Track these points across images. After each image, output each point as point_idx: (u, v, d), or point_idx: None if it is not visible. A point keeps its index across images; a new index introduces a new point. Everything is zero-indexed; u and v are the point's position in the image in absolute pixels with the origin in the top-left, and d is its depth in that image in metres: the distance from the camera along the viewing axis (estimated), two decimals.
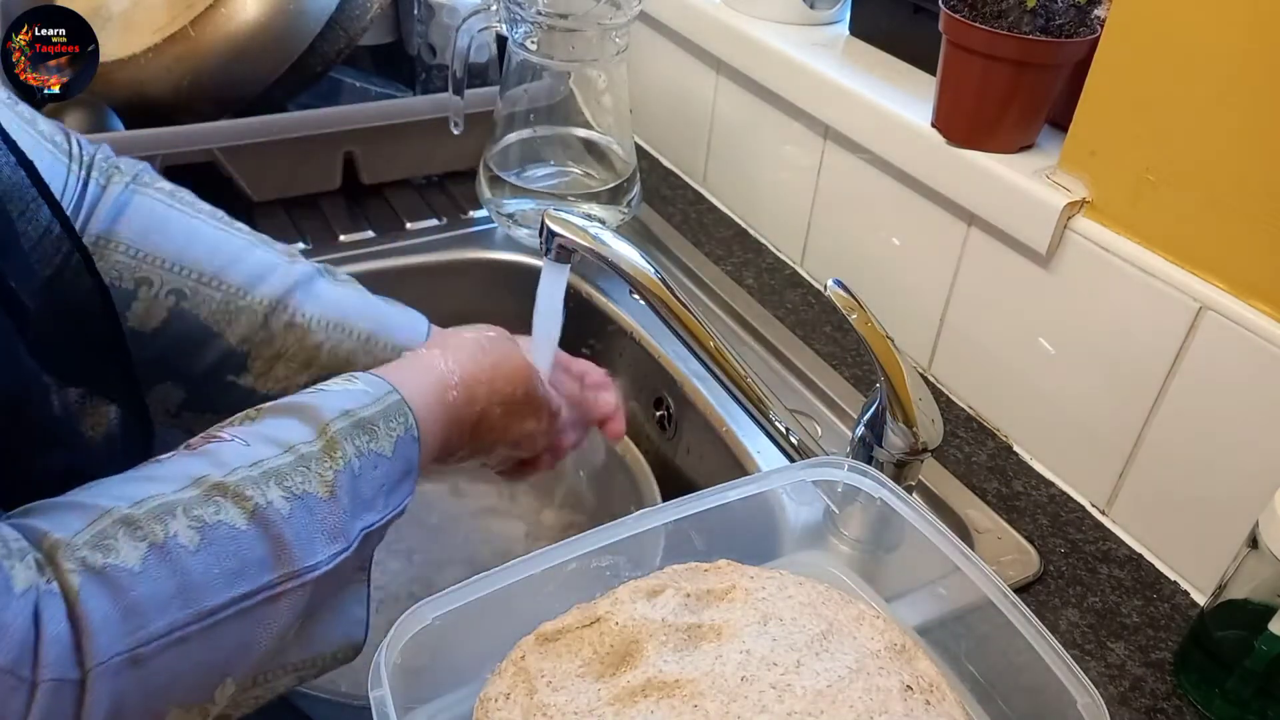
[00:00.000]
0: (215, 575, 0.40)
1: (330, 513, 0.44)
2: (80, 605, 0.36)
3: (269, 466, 0.43)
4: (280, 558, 0.42)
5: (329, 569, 0.44)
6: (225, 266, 0.58)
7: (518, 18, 0.86)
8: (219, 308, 0.58)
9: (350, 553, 0.45)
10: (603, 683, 0.46)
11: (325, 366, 0.60)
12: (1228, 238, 0.60)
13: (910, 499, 0.55)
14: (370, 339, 0.61)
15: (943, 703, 0.46)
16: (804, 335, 0.87)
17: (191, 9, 0.89)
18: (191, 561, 0.39)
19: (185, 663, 0.39)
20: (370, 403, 0.49)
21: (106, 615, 0.37)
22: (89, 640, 0.36)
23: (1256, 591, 0.55)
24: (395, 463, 0.48)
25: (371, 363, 0.60)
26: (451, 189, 1.03)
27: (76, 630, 0.36)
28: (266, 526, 0.42)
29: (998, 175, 0.72)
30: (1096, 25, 0.68)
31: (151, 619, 0.38)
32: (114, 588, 0.37)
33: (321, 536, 0.44)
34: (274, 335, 0.59)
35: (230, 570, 0.40)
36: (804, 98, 0.89)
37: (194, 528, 0.40)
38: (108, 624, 0.37)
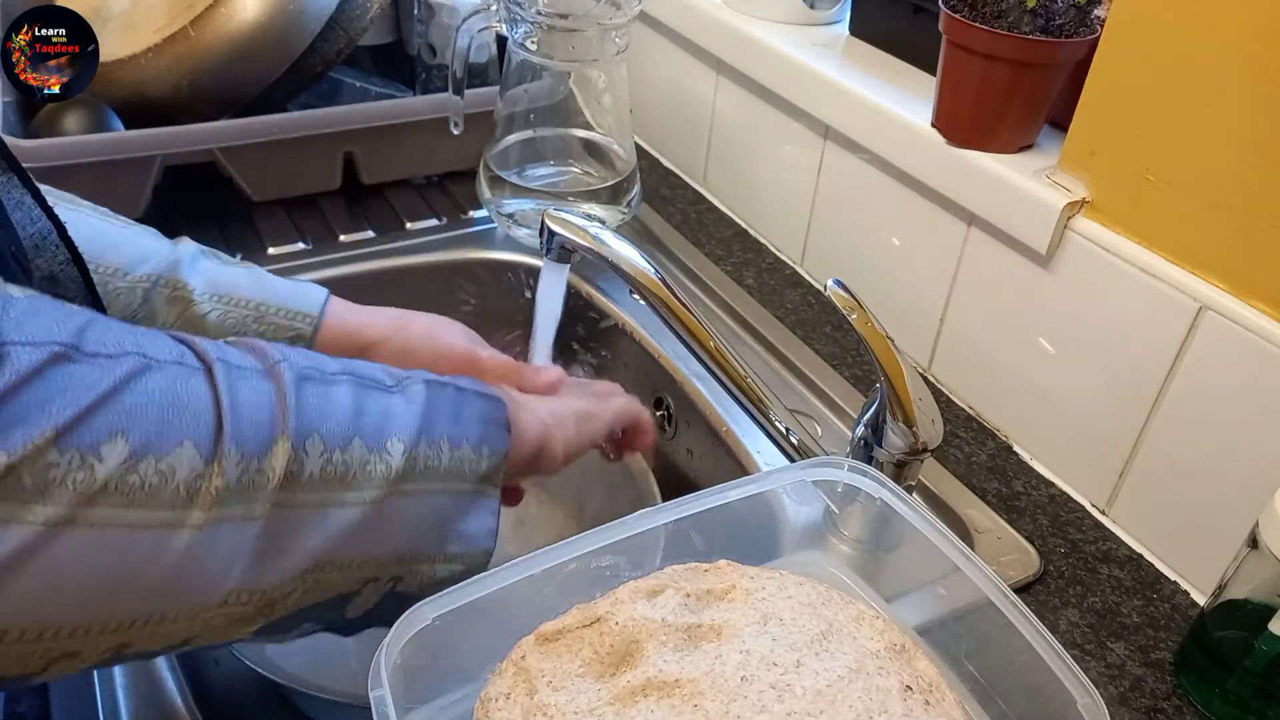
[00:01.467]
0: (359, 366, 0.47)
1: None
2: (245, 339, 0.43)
3: None
4: (387, 372, 0.48)
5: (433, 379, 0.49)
6: (103, 251, 0.57)
7: (518, 18, 0.86)
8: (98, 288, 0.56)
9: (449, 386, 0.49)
10: (603, 682, 0.46)
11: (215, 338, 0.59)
12: (1228, 238, 0.60)
13: (910, 499, 0.55)
14: (261, 306, 0.60)
15: (942, 703, 0.46)
16: (804, 335, 0.87)
17: (191, 9, 0.89)
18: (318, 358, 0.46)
19: (349, 400, 0.44)
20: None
21: (271, 346, 0.44)
22: (263, 351, 0.43)
23: (1256, 591, 0.55)
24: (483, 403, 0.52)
25: (266, 332, 0.60)
26: (451, 189, 1.03)
27: (248, 347, 0.43)
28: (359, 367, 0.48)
29: (998, 175, 0.72)
30: (1096, 25, 0.68)
31: (308, 358, 0.44)
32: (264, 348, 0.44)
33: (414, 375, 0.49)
34: (155, 311, 0.58)
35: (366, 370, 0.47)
36: (804, 98, 0.89)
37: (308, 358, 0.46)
38: (277, 348, 0.44)
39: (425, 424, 0.47)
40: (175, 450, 0.37)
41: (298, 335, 0.60)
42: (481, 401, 0.51)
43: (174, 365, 0.38)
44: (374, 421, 0.44)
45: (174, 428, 0.37)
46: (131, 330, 0.38)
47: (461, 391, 0.50)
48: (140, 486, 0.35)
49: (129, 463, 0.35)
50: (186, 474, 0.37)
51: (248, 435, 0.39)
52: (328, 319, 0.62)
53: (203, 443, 0.37)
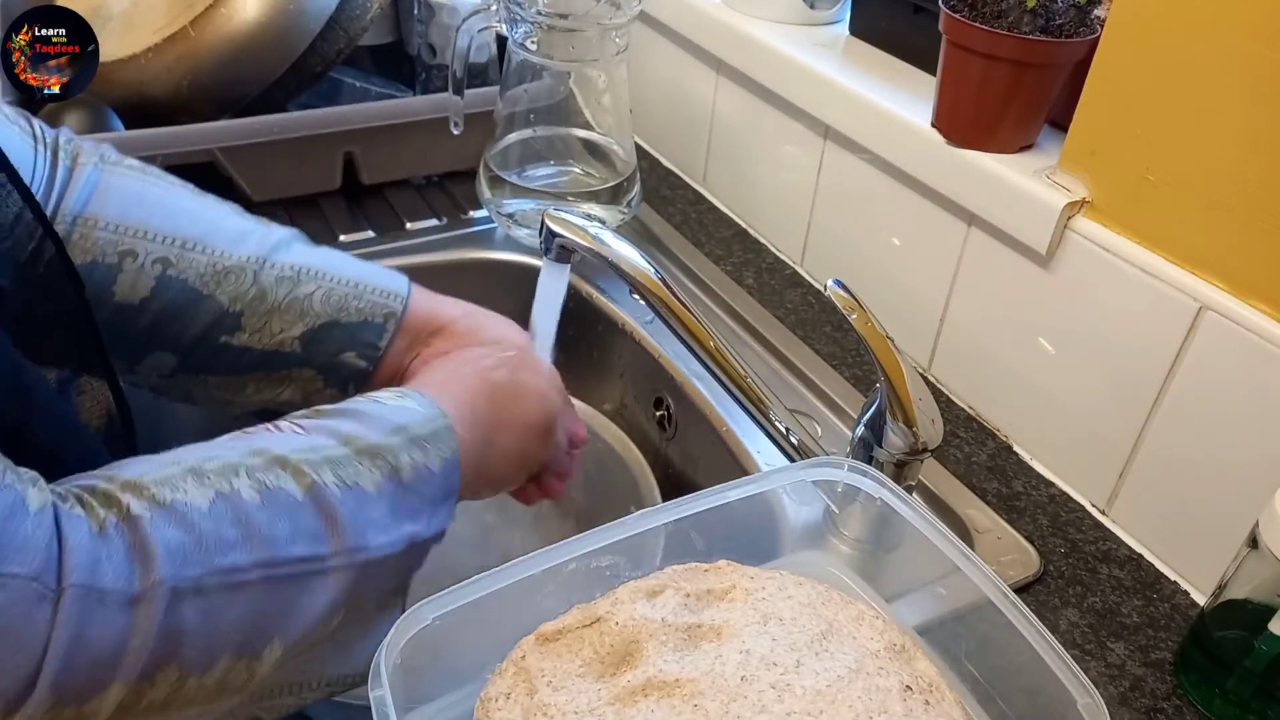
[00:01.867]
0: (278, 532, 0.41)
1: (378, 509, 0.46)
2: (148, 528, 0.38)
3: (325, 454, 0.45)
4: (334, 534, 0.43)
5: (378, 557, 0.45)
6: (208, 231, 0.58)
7: (518, 18, 0.86)
8: (206, 269, 0.57)
9: (397, 551, 0.46)
10: (603, 682, 0.46)
11: (319, 315, 0.60)
12: (1228, 238, 0.60)
13: (910, 499, 0.55)
14: (359, 284, 0.61)
15: (942, 703, 0.46)
16: (804, 335, 0.87)
17: (191, 9, 0.89)
18: (256, 515, 0.41)
19: (243, 608, 0.40)
20: (423, 421, 0.50)
21: (177, 542, 0.38)
22: (154, 559, 0.37)
23: (1256, 591, 0.55)
24: (441, 481, 0.50)
25: (364, 308, 0.61)
26: (451, 189, 1.03)
27: (141, 548, 0.37)
28: (322, 504, 0.43)
29: (998, 175, 0.72)
30: (1096, 25, 0.68)
31: (217, 555, 0.39)
32: (183, 520, 0.39)
33: (371, 527, 0.45)
34: (265, 290, 0.59)
35: (289, 532, 0.42)
36: (804, 98, 0.89)
37: (256, 489, 0.42)
38: (178, 549, 0.38)
39: (330, 611, 0.44)
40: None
41: (390, 313, 0.61)
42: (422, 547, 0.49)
43: (21, 582, 0.34)
44: (261, 627, 0.41)
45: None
46: (8, 517, 0.35)
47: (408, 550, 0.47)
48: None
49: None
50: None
51: (73, 681, 0.35)
52: (413, 299, 0.63)
53: (15, 682, 0.34)
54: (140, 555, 0.37)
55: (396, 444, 0.48)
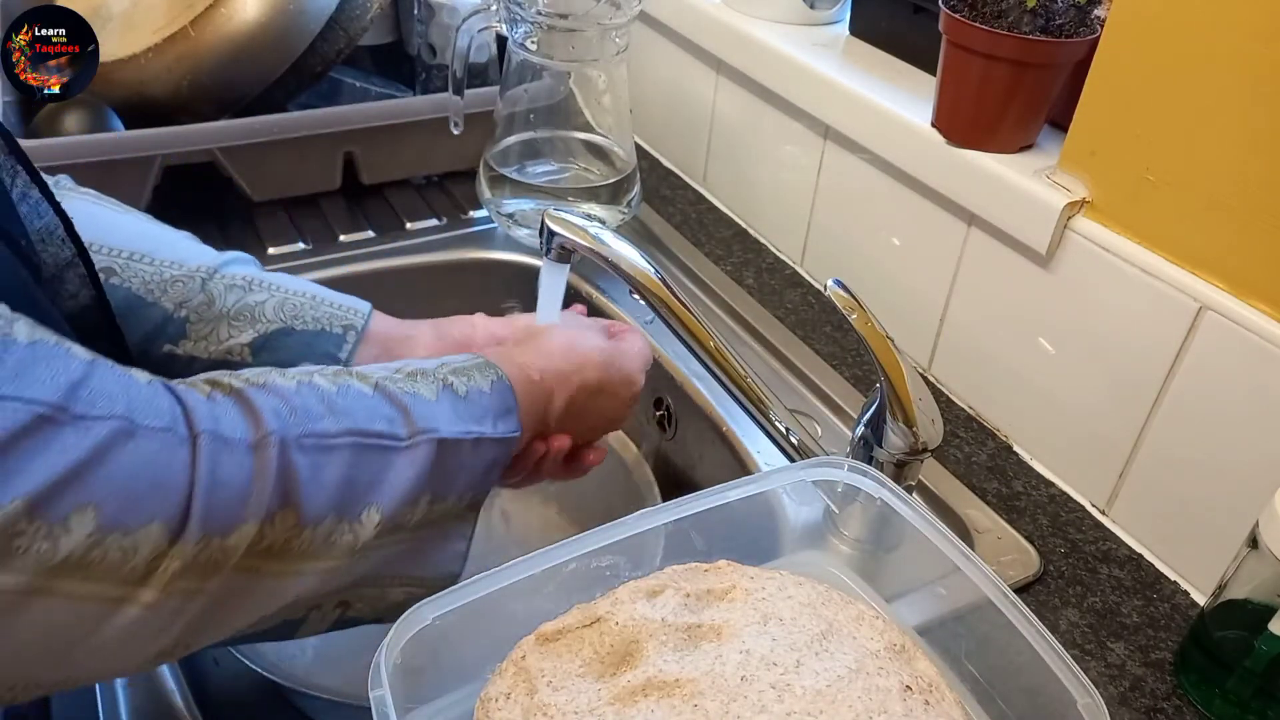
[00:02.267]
0: (355, 409, 0.45)
1: (439, 410, 0.49)
2: (251, 395, 0.42)
3: (385, 374, 0.49)
4: (407, 418, 0.47)
5: (450, 438, 0.48)
6: (157, 247, 0.58)
7: (518, 18, 0.86)
8: (151, 279, 0.57)
9: (467, 440, 0.49)
10: (603, 682, 0.46)
11: (271, 321, 0.59)
12: (1228, 238, 0.60)
13: (910, 499, 0.55)
14: (315, 297, 0.61)
15: (942, 703, 0.46)
16: (804, 335, 0.87)
17: (191, 9, 0.89)
18: (336, 398, 0.45)
19: (338, 470, 0.43)
20: (464, 361, 0.53)
21: (274, 406, 0.42)
22: (261, 416, 0.41)
23: (1256, 591, 0.55)
24: (494, 397, 0.52)
25: (321, 317, 0.60)
26: (451, 189, 1.03)
27: (248, 407, 0.41)
28: (391, 396, 0.47)
29: (998, 175, 0.72)
30: (1096, 25, 0.68)
31: (310, 421, 0.43)
32: (276, 393, 0.43)
33: (437, 418, 0.48)
34: (213, 296, 0.58)
35: (365, 411, 0.46)
36: (804, 98, 0.89)
37: (332, 382, 0.46)
38: (276, 411, 0.42)
39: (416, 487, 0.46)
40: (142, 528, 0.36)
41: (349, 325, 0.61)
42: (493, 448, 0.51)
43: (159, 433, 0.38)
44: (358, 491, 0.44)
45: (145, 504, 0.36)
46: (128, 386, 0.38)
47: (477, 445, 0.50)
48: (101, 561, 0.35)
49: (94, 537, 0.35)
50: (148, 553, 0.37)
51: (216, 515, 0.38)
52: (376, 315, 0.63)
53: (171, 521, 0.37)
54: (249, 413, 0.41)
55: (440, 369, 0.51)
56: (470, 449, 0.49)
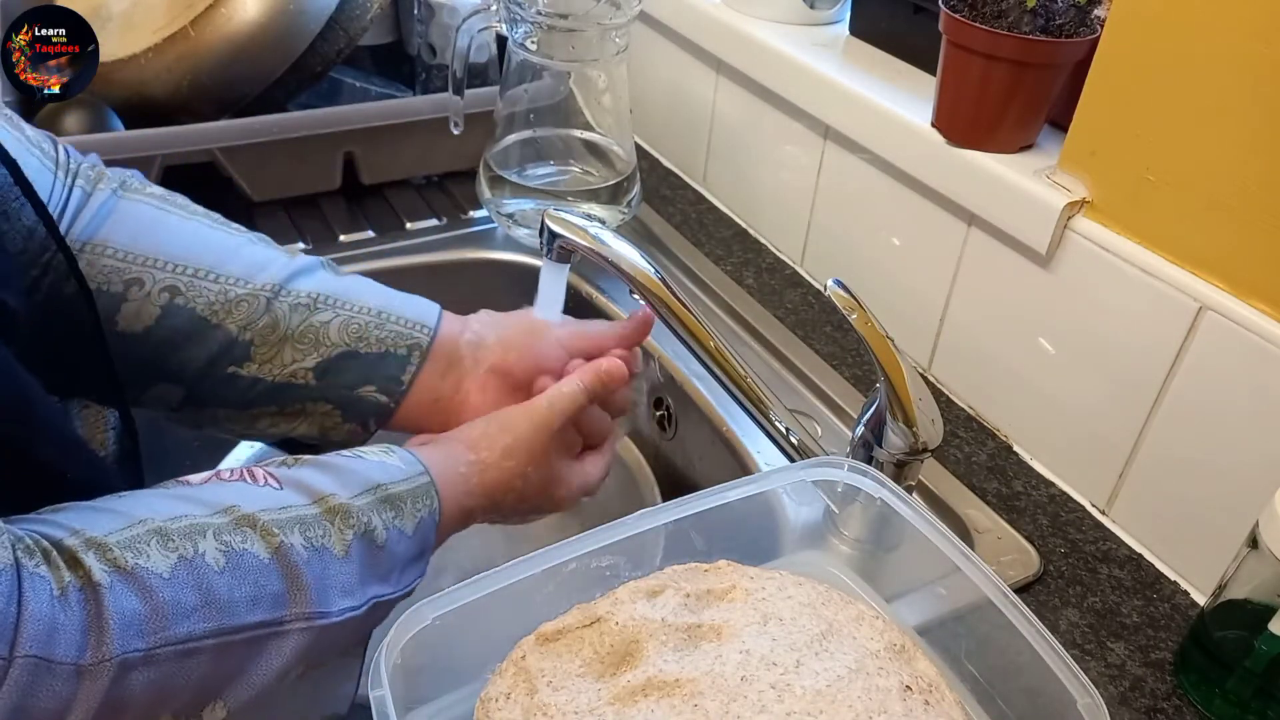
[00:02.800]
0: (238, 598, 0.41)
1: (344, 571, 0.45)
2: (108, 597, 0.37)
3: (295, 514, 0.45)
4: (296, 597, 0.43)
5: (338, 621, 0.45)
6: (222, 260, 0.57)
7: (518, 18, 0.86)
8: (216, 299, 0.56)
9: (359, 614, 0.46)
10: (603, 682, 0.46)
11: (335, 344, 0.58)
12: (1228, 238, 0.60)
13: (910, 499, 0.55)
14: (382, 314, 0.59)
15: (942, 703, 0.46)
16: (804, 335, 0.87)
17: (191, 9, 0.89)
18: (217, 580, 0.40)
19: (190, 675, 0.39)
20: (401, 479, 0.50)
21: (134, 612, 0.38)
22: (109, 634, 0.36)
23: (1256, 591, 0.55)
24: (414, 542, 0.49)
25: (386, 338, 0.59)
26: (451, 189, 1.03)
27: (99, 619, 0.37)
28: (288, 566, 0.43)
29: (998, 175, 0.72)
30: (1096, 25, 0.68)
31: (173, 624, 0.39)
32: (143, 588, 0.38)
33: (335, 590, 0.45)
34: (278, 319, 0.57)
35: (250, 596, 0.41)
36: (804, 98, 0.89)
37: (221, 551, 0.41)
38: (133, 621, 0.37)
39: (281, 672, 0.43)
40: None
41: (415, 344, 0.60)
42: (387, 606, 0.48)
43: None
44: (206, 692, 0.41)
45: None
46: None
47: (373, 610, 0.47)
48: None
49: None
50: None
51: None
52: (444, 328, 0.61)
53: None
54: (96, 627, 0.37)
55: (368, 504, 0.47)
56: (360, 618, 0.46)
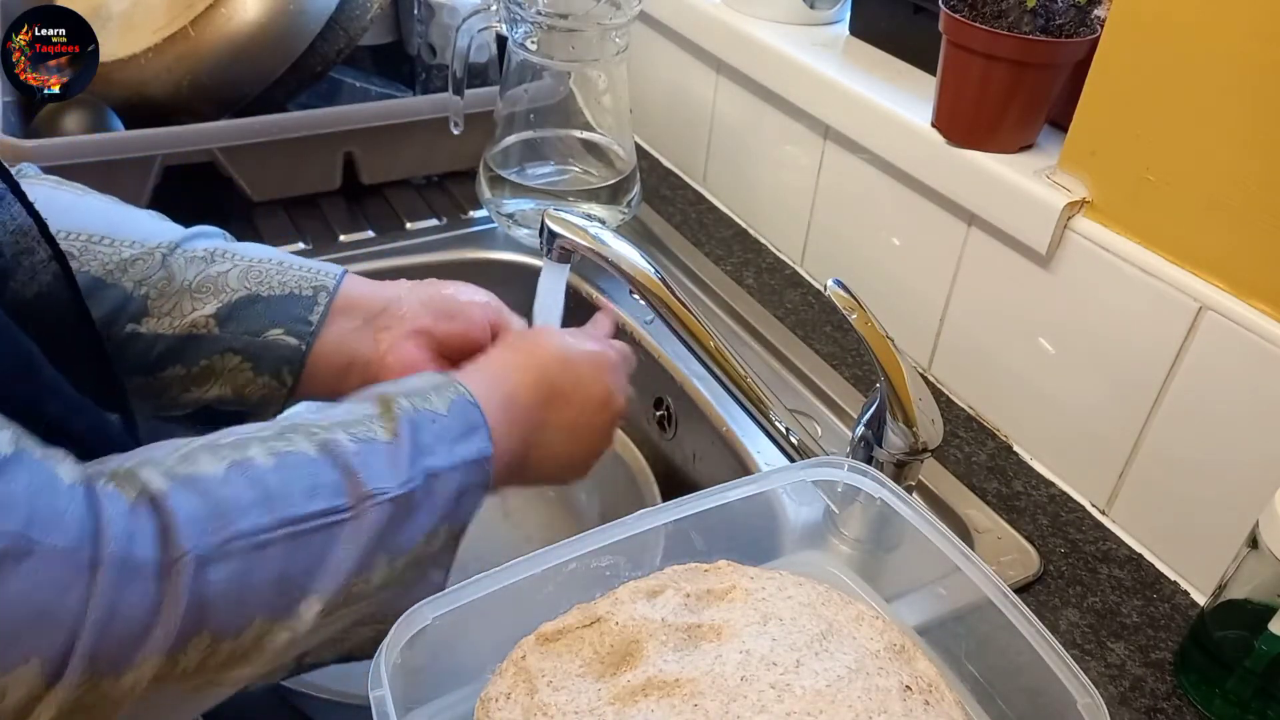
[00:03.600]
0: (294, 490, 0.42)
1: (394, 451, 0.46)
2: (169, 501, 0.38)
3: (336, 420, 0.46)
4: (352, 482, 0.43)
5: (401, 494, 0.45)
6: (116, 227, 0.56)
7: (518, 18, 0.86)
8: (110, 260, 0.54)
9: (416, 485, 0.46)
10: (603, 682, 0.46)
11: (235, 290, 0.56)
12: (1228, 237, 0.60)
13: (910, 499, 0.55)
14: (283, 263, 0.58)
15: (941, 703, 0.46)
16: (804, 335, 0.87)
17: (191, 9, 0.89)
18: (270, 477, 0.41)
19: (269, 569, 0.40)
20: (419, 382, 0.50)
21: (195, 511, 0.38)
22: (177, 531, 0.37)
23: (1256, 591, 0.55)
24: (452, 419, 0.49)
25: (289, 281, 0.57)
26: (451, 189, 1.03)
27: (164, 521, 0.37)
28: (336, 457, 0.44)
29: (998, 175, 0.72)
30: (1096, 25, 0.68)
31: (237, 519, 0.39)
32: (201, 490, 0.39)
33: (389, 469, 0.45)
34: (174, 272, 0.55)
35: (307, 488, 0.42)
36: (804, 98, 0.89)
37: (270, 453, 0.42)
38: (195, 519, 0.38)
39: (366, 558, 0.44)
40: (17, 668, 0.33)
41: (320, 286, 0.58)
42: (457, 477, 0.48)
43: (58, 555, 0.34)
44: (292, 585, 0.41)
45: (23, 640, 0.33)
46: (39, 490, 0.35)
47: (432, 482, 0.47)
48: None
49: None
50: (21, 696, 0.33)
51: (107, 654, 0.35)
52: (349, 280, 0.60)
53: (50, 660, 0.33)
54: (164, 528, 0.37)
55: (396, 391, 0.49)
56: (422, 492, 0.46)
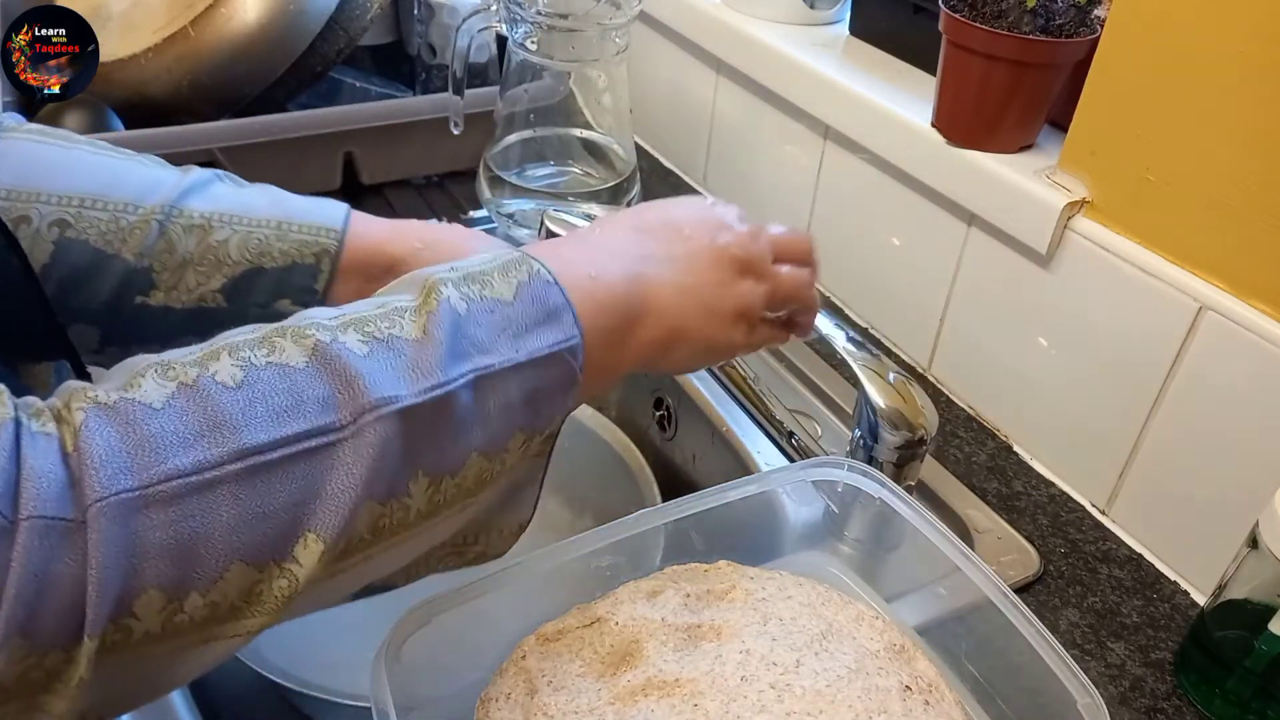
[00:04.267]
0: (259, 413, 0.35)
1: (420, 352, 0.38)
2: (82, 439, 0.32)
3: (352, 317, 0.38)
4: (349, 393, 0.36)
5: (424, 402, 0.37)
6: (110, 186, 0.53)
7: (518, 18, 0.86)
8: (108, 228, 0.52)
9: (453, 390, 0.38)
10: (603, 682, 0.46)
11: (238, 263, 0.54)
12: (1228, 237, 0.60)
13: (910, 499, 0.55)
14: (283, 225, 0.55)
15: (941, 703, 0.46)
16: None
17: (191, 9, 0.89)
18: (226, 398, 0.35)
19: (232, 510, 0.34)
20: (484, 262, 0.42)
21: (112, 449, 0.32)
22: (89, 475, 0.32)
23: (1256, 591, 0.55)
24: (520, 306, 0.41)
25: (290, 249, 0.55)
26: (451, 189, 1.03)
27: (75, 465, 0.32)
28: (329, 362, 0.36)
29: (998, 175, 0.72)
30: (1096, 25, 0.68)
31: (169, 456, 0.33)
32: (124, 421, 0.33)
33: (406, 372, 0.37)
34: (173, 242, 0.53)
35: (279, 407, 0.35)
36: (804, 98, 0.89)
37: (238, 366, 0.35)
38: (112, 458, 0.32)
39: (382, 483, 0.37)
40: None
41: (322, 251, 0.55)
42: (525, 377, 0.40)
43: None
44: (274, 522, 0.34)
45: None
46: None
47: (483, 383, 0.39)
48: None
49: None
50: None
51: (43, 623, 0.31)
52: (353, 234, 0.56)
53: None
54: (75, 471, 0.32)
55: (447, 275, 0.41)
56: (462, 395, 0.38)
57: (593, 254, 0.46)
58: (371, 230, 0.57)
